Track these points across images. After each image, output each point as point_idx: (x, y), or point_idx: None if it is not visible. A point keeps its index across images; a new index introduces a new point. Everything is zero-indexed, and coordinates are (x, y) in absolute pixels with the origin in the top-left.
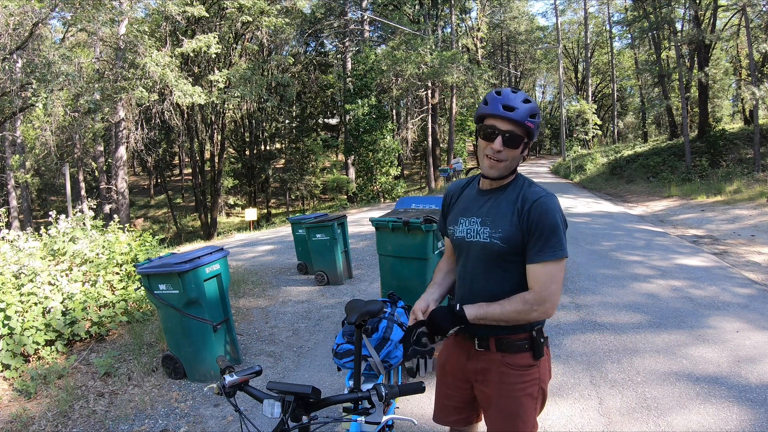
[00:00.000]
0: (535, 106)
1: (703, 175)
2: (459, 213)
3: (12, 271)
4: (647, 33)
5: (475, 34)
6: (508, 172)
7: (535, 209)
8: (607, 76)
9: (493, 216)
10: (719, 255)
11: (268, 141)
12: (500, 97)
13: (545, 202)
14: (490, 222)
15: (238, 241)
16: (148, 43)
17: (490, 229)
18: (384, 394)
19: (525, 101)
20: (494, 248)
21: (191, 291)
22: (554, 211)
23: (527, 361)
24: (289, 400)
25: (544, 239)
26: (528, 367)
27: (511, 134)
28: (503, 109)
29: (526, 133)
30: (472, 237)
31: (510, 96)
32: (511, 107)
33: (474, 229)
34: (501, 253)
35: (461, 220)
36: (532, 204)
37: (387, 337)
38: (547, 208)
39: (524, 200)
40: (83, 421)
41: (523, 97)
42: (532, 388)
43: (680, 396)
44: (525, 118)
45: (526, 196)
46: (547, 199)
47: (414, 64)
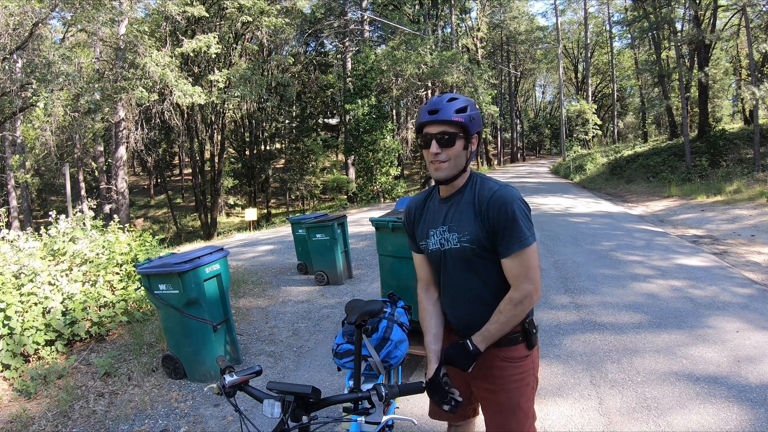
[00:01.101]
0: (463, 101)
1: (703, 175)
2: (427, 226)
3: (12, 271)
4: (647, 33)
5: (475, 34)
6: (458, 171)
7: (491, 206)
8: (607, 76)
9: (457, 221)
10: (719, 255)
11: (268, 141)
12: (426, 105)
13: (500, 196)
14: (456, 227)
15: (238, 241)
16: (148, 43)
17: (458, 234)
18: (384, 394)
19: (450, 100)
20: (466, 252)
21: (191, 291)
22: (510, 202)
23: (522, 352)
24: (289, 400)
25: (508, 232)
26: (523, 359)
27: (442, 134)
28: (429, 114)
29: (461, 128)
30: (445, 245)
31: (434, 101)
32: (434, 110)
33: (444, 237)
34: (473, 255)
35: (431, 233)
36: (488, 201)
37: (387, 337)
38: (504, 201)
39: (480, 199)
40: (83, 421)
41: (449, 97)
42: (528, 378)
43: (680, 396)
44: (450, 115)
45: (481, 195)
46: (501, 192)
47: (414, 64)
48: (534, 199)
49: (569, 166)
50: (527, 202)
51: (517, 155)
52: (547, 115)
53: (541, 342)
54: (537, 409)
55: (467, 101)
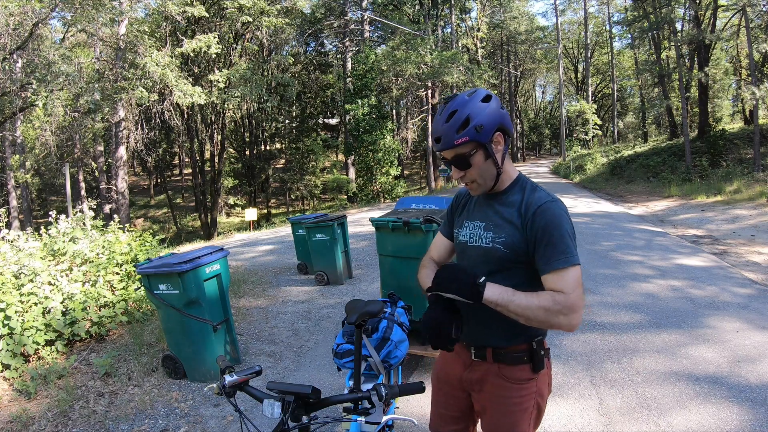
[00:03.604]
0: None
1: (703, 175)
2: (465, 217)
3: (12, 271)
4: (647, 33)
5: (475, 34)
6: (493, 181)
7: (539, 216)
8: (607, 76)
9: (496, 220)
10: (719, 255)
11: (268, 141)
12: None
13: (550, 208)
14: (493, 227)
15: (238, 241)
16: (148, 43)
17: (493, 234)
18: (384, 394)
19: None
20: (497, 253)
21: (191, 291)
22: (560, 217)
23: (526, 374)
24: (289, 400)
25: (552, 247)
26: (525, 381)
27: (456, 158)
28: (436, 143)
29: (471, 146)
30: (474, 241)
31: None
32: (437, 139)
33: (477, 234)
34: (503, 258)
35: (466, 224)
36: (536, 210)
37: (387, 337)
38: (553, 214)
39: (528, 206)
40: (83, 421)
41: (448, 113)
42: (527, 403)
43: (680, 396)
44: (452, 141)
45: (530, 202)
46: (552, 204)
47: (414, 64)
48: None
49: (569, 166)
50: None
51: (517, 155)
52: (547, 115)
53: None
54: None
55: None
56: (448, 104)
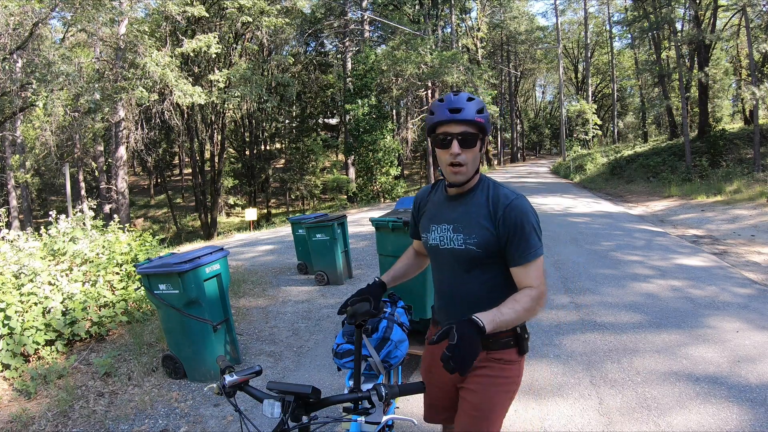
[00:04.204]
0: (480, 101)
1: (703, 175)
2: (429, 220)
3: (12, 271)
4: (647, 33)
5: (475, 34)
6: (472, 174)
7: (509, 213)
8: (607, 76)
9: (464, 222)
10: (719, 255)
11: (268, 141)
12: (444, 103)
13: (518, 205)
14: (462, 228)
15: (238, 241)
16: (148, 43)
17: (464, 236)
18: (384, 394)
19: (469, 99)
20: (470, 254)
21: (191, 291)
22: (528, 213)
23: (513, 356)
24: (289, 400)
25: (524, 242)
26: (512, 363)
27: (464, 135)
28: (450, 112)
29: (480, 129)
30: (445, 244)
31: (453, 99)
32: (457, 109)
33: (447, 237)
34: (477, 258)
35: (432, 228)
36: (506, 208)
37: (387, 337)
38: (522, 211)
39: (496, 204)
40: (83, 420)
41: (467, 96)
42: (511, 386)
43: (680, 396)
44: (473, 115)
45: (497, 200)
46: (518, 201)
47: (414, 64)
48: (534, 199)
49: (569, 166)
50: None
51: (517, 155)
52: (547, 115)
53: (541, 342)
54: (537, 408)
55: (482, 102)
56: (462, 93)
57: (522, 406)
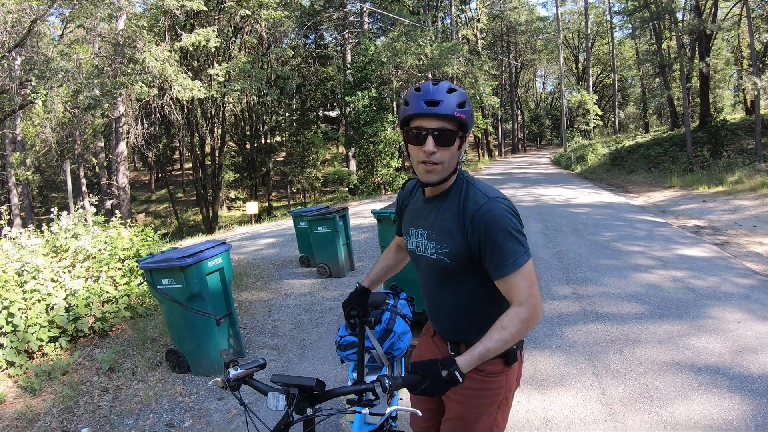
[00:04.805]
0: (463, 93)
1: (704, 165)
2: (408, 222)
3: (15, 269)
4: (648, 23)
5: (474, 25)
6: (449, 174)
7: (478, 222)
8: (607, 67)
9: (437, 229)
10: (720, 245)
11: (269, 134)
12: (421, 93)
13: (487, 210)
14: (435, 236)
15: (240, 235)
16: (147, 38)
17: (436, 245)
18: (388, 386)
19: (450, 90)
20: (442, 265)
21: (194, 285)
22: (500, 217)
23: (498, 368)
24: (293, 393)
25: (498, 251)
26: (498, 374)
27: (441, 131)
28: (426, 105)
29: (459, 126)
30: (421, 251)
31: (431, 89)
32: (434, 101)
33: (422, 243)
34: (450, 269)
35: (411, 231)
36: (474, 216)
37: (390, 328)
38: (492, 216)
39: (465, 211)
40: (88, 416)
41: (447, 87)
42: (496, 397)
43: (682, 386)
44: (453, 109)
45: (467, 207)
46: (489, 205)
47: (414, 56)
48: (535, 189)
49: (570, 157)
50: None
51: (518, 146)
52: (548, 105)
53: (543, 333)
54: (540, 399)
55: (465, 94)
56: (442, 82)
57: (525, 397)
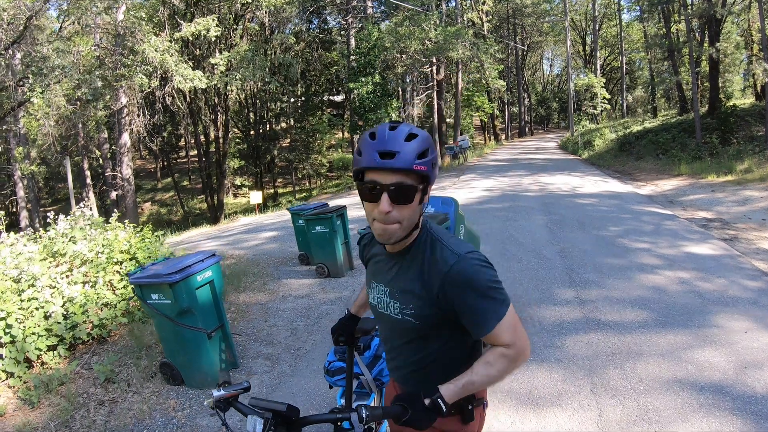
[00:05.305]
0: (424, 140)
1: (713, 152)
2: (371, 275)
3: (12, 277)
4: (657, 6)
5: (480, 7)
6: (408, 231)
7: (450, 284)
8: (615, 49)
9: (401, 288)
10: (729, 241)
11: (273, 121)
12: (374, 141)
13: (460, 271)
14: (398, 295)
15: (243, 226)
16: (146, 29)
17: (401, 305)
18: (365, 416)
19: (409, 137)
20: (408, 325)
21: (183, 301)
22: (475, 277)
23: (455, 426)
24: (267, 417)
25: (477, 312)
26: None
27: (398, 187)
28: (381, 157)
29: (420, 179)
30: (383, 308)
31: (386, 136)
32: (390, 153)
33: (384, 300)
34: (416, 329)
35: (373, 285)
36: (445, 278)
37: (379, 354)
38: (466, 277)
39: (433, 272)
40: (84, 431)
41: (406, 133)
42: None
43: (683, 407)
44: (411, 162)
45: (433, 268)
46: (461, 265)
47: (418, 41)
48: (541, 177)
49: (577, 142)
50: (491, 263)
51: (524, 129)
52: (555, 88)
53: (543, 344)
54: (535, 420)
55: (428, 140)
56: (400, 126)
57: (519, 418)
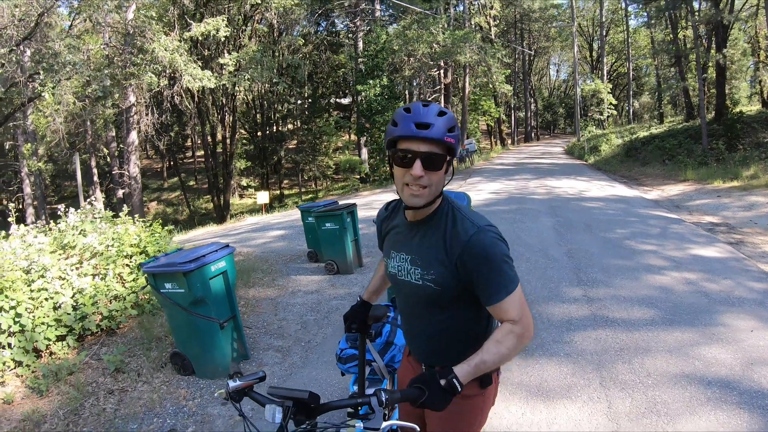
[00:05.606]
0: (452, 118)
1: (719, 159)
2: (390, 246)
3: (22, 267)
4: (664, 12)
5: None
6: (434, 197)
7: (468, 253)
8: (622, 55)
9: (423, 255)
10: (735, 245)
11: (280, 122)
12: (411, 114)
13: (477, 243)
14: (420, 261)
15: (250, 226)
16: (156, 28)
17: (422, 270)
18: (384, 399)
19: (440, 114)
20: (428, 291)
21: (197, 290)
22: (491, 249)
23: (474, 391)
24: (288, 405)
25: (491, 282)
26: (473, 397)
27: (430, 155)
28: (416, 127)
29: (448, 150)
30: (403, 276)
31: (422, 111)
32: (425, 124)
33: (405, 268)
34: (436, 295)
35: (393, 255)
36: (464, 247)
37: (391, 341)
38: (484, 248)
39: (454, 241)
40: (93, 419)
41: (437, 110)
42: (473, 418)
43: (691, 401)
44: (443, 134)
45: (455, 236)
46: (479, 236)
47: (426, 44)
48: (548, 181)
49: (584, 147)
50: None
51: (531, 134)
52: (561, 94)
53: (552, 339)
54: (546, 412)
55: (455, 119)
56: (432, 104)
57: (530, 409)
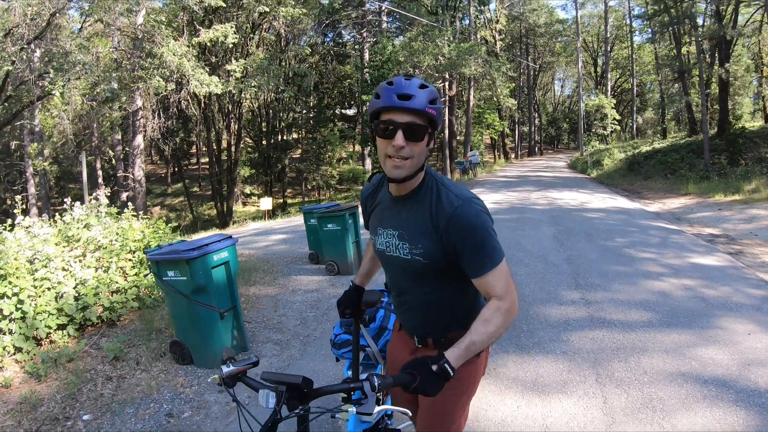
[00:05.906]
0: (433, 91)
1: (721, 173)
2: (377, 222)
3: (26, 257)
4: (668, 27)
5: (493, 26)
6: (416, 170)
7: (453, 225)
8: (626, 71)
9: (410, 230)
10: (734, 255)
11: (285, 131)
12: (393, 86)
13: (462, 215)
14: (407, 236)
15: (253, 230)
16: (165, 33)
17: (410, 245)
18: (377, 384)
19: (422, 87)
20: (417, 265)
21: (199, 278)
22: (475, 220)
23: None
24: (281, 390)
25: (476, 254)
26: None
27: (411, 126)
28: (398, 98)
29: (429, 122)
30: (391, 251)
31: (403, 83)
32: (406, 95)
33: (393, 243)
34: (425, 269)
35: (380, 231)
36: (449, 220)
37: (384, 326)
38: (468, 220)
39: (439, 214)
40: (90, 403)
41: (419, 83)
42: (467, 386)
43: (687, 398)
44: (425, 105)
45: (440, 209)
46: (464, 208)
47: (431, 56)
48: (549, 193)
49: (587, 161)
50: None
51: (534, 149)
52: (565, 109)
53: (548, 337)
54: (541, 405)
55: (436, 92)
56: (414, 78)
57: (525, 403)
